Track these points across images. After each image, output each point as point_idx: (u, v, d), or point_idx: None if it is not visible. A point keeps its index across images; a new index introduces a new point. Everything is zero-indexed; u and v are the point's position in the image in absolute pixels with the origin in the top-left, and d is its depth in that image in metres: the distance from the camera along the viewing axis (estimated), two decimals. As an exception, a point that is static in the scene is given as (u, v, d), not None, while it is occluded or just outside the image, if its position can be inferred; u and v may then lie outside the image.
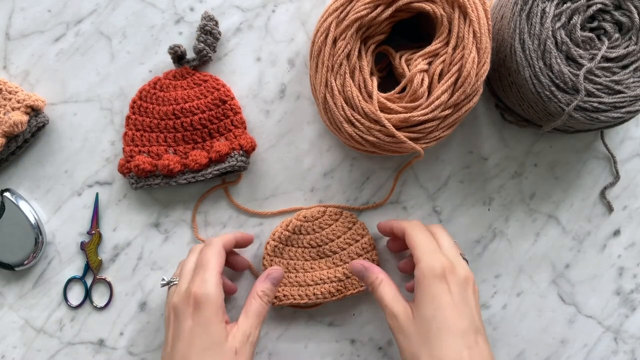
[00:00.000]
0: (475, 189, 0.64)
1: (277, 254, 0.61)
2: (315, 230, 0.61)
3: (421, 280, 0.51)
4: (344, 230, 0.61)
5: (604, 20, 0.54)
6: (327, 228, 0.61)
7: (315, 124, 0.63)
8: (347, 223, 0.61)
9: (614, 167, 0.64)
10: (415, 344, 0.49)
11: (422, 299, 0.50)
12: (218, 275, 0.52)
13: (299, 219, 0.61)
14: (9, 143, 0.61)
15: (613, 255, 0.64)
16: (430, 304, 0.50)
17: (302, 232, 0.61)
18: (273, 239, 0.61)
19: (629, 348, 0.64)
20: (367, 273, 0.55)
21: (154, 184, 0.61)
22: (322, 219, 0.61)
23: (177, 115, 0.61)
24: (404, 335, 0.50)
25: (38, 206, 0.63)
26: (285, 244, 0.61)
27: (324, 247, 0.61)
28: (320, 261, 0.61)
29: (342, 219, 0.61)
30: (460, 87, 0.53)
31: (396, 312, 0.51)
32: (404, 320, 0.50)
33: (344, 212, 0.62)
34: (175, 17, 0.63)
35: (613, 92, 0.53)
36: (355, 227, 0.61)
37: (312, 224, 0.61)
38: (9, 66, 0.63)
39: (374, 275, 0.55)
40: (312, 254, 0.61)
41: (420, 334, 0.49)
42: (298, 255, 0.61)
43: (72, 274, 0.63)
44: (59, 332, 0.63)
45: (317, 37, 0.55)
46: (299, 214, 0.61)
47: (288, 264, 0.61)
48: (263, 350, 0.63)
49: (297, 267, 0.61)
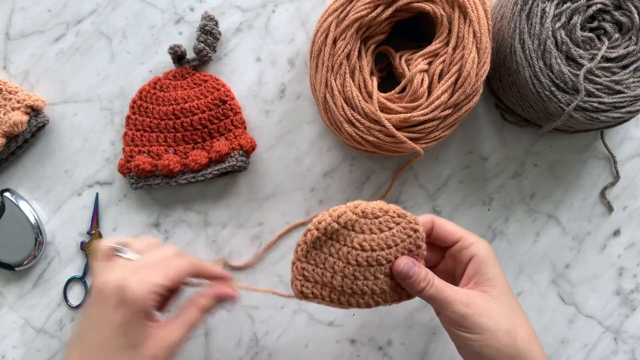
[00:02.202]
0: (475, 189, 0.64)
1: (316, 246, 0.49)
2: (372, 230, 0.49)
3: (488, 258, 0.50)
4: (403, 238, 0.49)
5: (604, 20, 0.54)
6: (387, 231, 0.49)
7: (315, 124, 0.63)
8: (408, 230, 0.49)
9: (614, 167, 0.64)
10: (508, 319, 0.48)
11: (495, 275, 0.49)
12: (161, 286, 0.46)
13: (356, 212, 0.49)
14: (9, 143, 0.61)
15: (613, 255, 0.64)
16: (502, 279, 0.50)
17: (355, 229, 0.49)
18: (317, 228, 0.48)
19: (629, 348, 0.64)
20: (418, 269, 0.49)
21: (154, 184, 0.61)
22: (384, 218, 0.49)
23: (177, 115, 0.61)
24: (491, 317, 0.47)
25: (38, 206, 0.63)
26: (330, 238, 0.49)
27: (378, 253, 0.49)
28: (367, 269, 0.49)
29: (404, 223, 0.49)
30: (460, 87, 0.53)
31: (472, 298, 0.48)
32: (485, 303, 0.48)
33: (407, 215, 0.50)
34: (175, 17, 0.63)
35: (613, 92, 0.53)
36: (415, 235, 0.50)
37: (370, 223, 0.49)
38: (9, 66, 0.63)
39: (424, 270, 0.49)
40: (360, 258, 0.49)
41: (507, 308, 0.49)
42: (341, 255, 0.49)
43: (72, 274, 0.63)
44: (59, 332, 0.63)
45: (317, 37, 0.55)
46: (355, 206, 0.49)
47: (326, 261, 0.49)
48: (263, 350, 0.63)
49: (336, 268, 0.49)
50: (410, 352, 0.63)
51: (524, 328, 0.49)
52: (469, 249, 0.50)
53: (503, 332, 0.47)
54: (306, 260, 0.49)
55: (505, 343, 0.47)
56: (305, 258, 0.49)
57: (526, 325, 0.49)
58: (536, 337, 0.50)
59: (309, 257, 0.49)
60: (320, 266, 0.49)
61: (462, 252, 0.51)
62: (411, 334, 0.63)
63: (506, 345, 0.47)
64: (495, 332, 0.47)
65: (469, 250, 0.50)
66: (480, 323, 0.47)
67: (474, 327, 0.47)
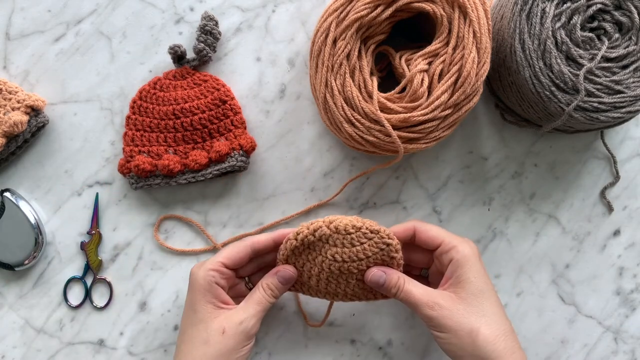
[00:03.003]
0: (475, 189, 0.64)
1: (295, 252, 0.55)
2: (344, 244, 0.53)
3: (464, 261, 0.53)
4: (375, 251, 0.54)
5: (604, 20, 0.54)
6: (358, 246, 0.53)
7: (315, 124, 0.63)
8: (380, 244, 0.53)
9: (614, 167, 0.64)
10: (471, 320, 0.51)
11: (468, 277, 0.52)
12: (216, 262, 0.54)
13: (330, 228, 0.53)
14: (9, 143, 0.61)
15: (613, 255, 0.64)
16: (478, 280, 0.52)
17: (328, 242, 0.54)
18: (295, 239, 0.54)
19: (629, 348, 0.64)
20: (388, 277, 0.53)
21: (154, 184, 0.61)
22: (356, 234, 0.53)
23: (177, 115, 0.61)
24: (453, 318, 0.51)
25: (38, 206, 0.63)
26: (307, 247, 0.54)
27: (349, 264, 0.54)
28: (340, 276, 0.55)
29: (376, 238, 0.53)
30: (460, 87, 0.53)
31: (438, 300, 0.52)
32: (451, 304, 0.52)
33: (380, 231, 0.54)
34: (175, 17, 0.63)
35: (613, 92, 0.53)
36: (388, 248, 0.54)
37: (342, 238, 0.53)
38: (9, 66, 0.63)
39: (396, 276, 0.53)
40: (333, 267, 0.54)
41: (474, 309, 0.51)
42: (317, 262, 0.54)
43: (72, 274, 0.63)
44: (59, 332, 0.63)
45: (317, 37, 0.55)
46: (330, 222, 0.54)
47: (304, 265, 0.55)
48: (263, 350, 0.63)
49: (312, 272, 0.55)
50: (410, 352, 0.63)
51: (491, 328, 0.51)
52: (449, 253, 0.54)
53: (464, 332, 0.51)
54: (287, 262, 0.56)
55: (466, 342, 0.50)
56: (287, 261, 0.56)
57: (495, 326, 0.51)
58: (507, 338, 0.51)
59: (289, 260, 0.56)
60: (299, 269, 0.56)
61: (443, 256, 0.54)
62: (411, 334, 0.63)
63: (467, 344, 0.50)
64: (456, 332, 0.51)
65: (448, 254, 0.54)
66: (443, 324, 0.51)
67: (439, 327, 0.51)
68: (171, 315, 0.63)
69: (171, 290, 0.63)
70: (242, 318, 0.53)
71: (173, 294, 0.63)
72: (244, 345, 0.53)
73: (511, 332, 0.52)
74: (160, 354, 0.63)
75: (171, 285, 0.63)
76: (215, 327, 0.52)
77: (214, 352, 0.51)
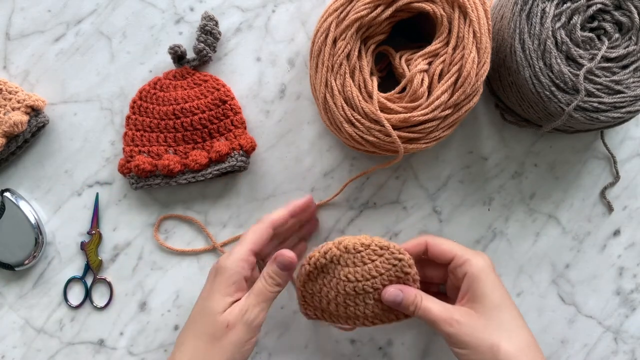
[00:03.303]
0: (475, 189, 0.64)
1: (311, 278, 0.55)
2: (355, 264, 0.53)
3: (479, 274, 0.52)
4: (388, 267, 0.53)
5: (604, 20, 0.54)
6: (370, 263, 0.53)
7: (315, 124, 0.63)
8: (392, 260, 0.53)
9: (614, 167, 0.64)
10: (491, 335, 0.50)
11: (484, 291, 0.52)
12: (246, 251, 0.53)
13: (339, 248, 0.54)
14: (9, 143, 0.61)
15: (613, 255, 0.64)
16: (495, 293, 0.52)
17: (340, 263, 0.54)
18: (309, 264, 0.54)
19: (629, 348, 0.64)
20: (405, 295, 0.53)
21: (154, 184, 0.61)
22: (366, 252, 0.54)
23: (177, 115, 0.61)
24: (472, 335, 0.50)
25: (38, 206, 0.63)
26: (321, 271, 0.54)
27: (363, 283, 0.53)
28: (356, 297, 0.54)
29: (387, 254, 0.53)
30: (460, 87, 0.53)
31: (456, 316, 0.51)
32: (470, 319, 0.51)
33: (390, 247, 0.54)
34: (175, 17, 0.63)
35: (613, 92, 0.53)
36: (400, 263, 0.53)
37: (352, 257, 0.54)
38: (9, 66, 0.63)
39: (413, 293, 0.53)
40: (348, 288, 0.53)
41: (493, 323, 0.51)
42: (332, 285, 0.54)
43: (72, 274, 0.63)
44: (59, 332, 0.63)
45: (317, 37, 0.55)
46: (339, 243, 0.54)
47: (321, 290, 0.55)
48: (263, 350, 0.63)
49: (330, 297, 0.54)
50: (410, 352, 0.64)
51: (513, 342, 0.50)
52: (462, 267, 0.53)
53: (485, 348, 0.50)
54: (304, 289, 0.55)
55: (488, 358, 0.50)
56: (304, 288, 0.55)
57: (517, 339, 0.51)
58: (529, 350, 0.51)
59: (307, 287, 0.55)
60: (317, 295, 0.55)
61: (457, 269, 0.54)
62: (411, 334, 0.63)
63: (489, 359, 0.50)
64: (477, 348, 0.50)
65: (462, 268, 0.53)
66: (463, 340, 0.50)
67: (459, 344, 0.51)
68: (171, 315, 0.63)
69: (171, 290, 0.63)
70: (244, 310, 0.52)
71: (173, 294, 0.63)
72: (248, 338, 0.52)
73: (533, 344, 0.52)
74: (160, 354, 0.63)
75: (171, 285, 0.63)
76: (221, 321, 0.51)
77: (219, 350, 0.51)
